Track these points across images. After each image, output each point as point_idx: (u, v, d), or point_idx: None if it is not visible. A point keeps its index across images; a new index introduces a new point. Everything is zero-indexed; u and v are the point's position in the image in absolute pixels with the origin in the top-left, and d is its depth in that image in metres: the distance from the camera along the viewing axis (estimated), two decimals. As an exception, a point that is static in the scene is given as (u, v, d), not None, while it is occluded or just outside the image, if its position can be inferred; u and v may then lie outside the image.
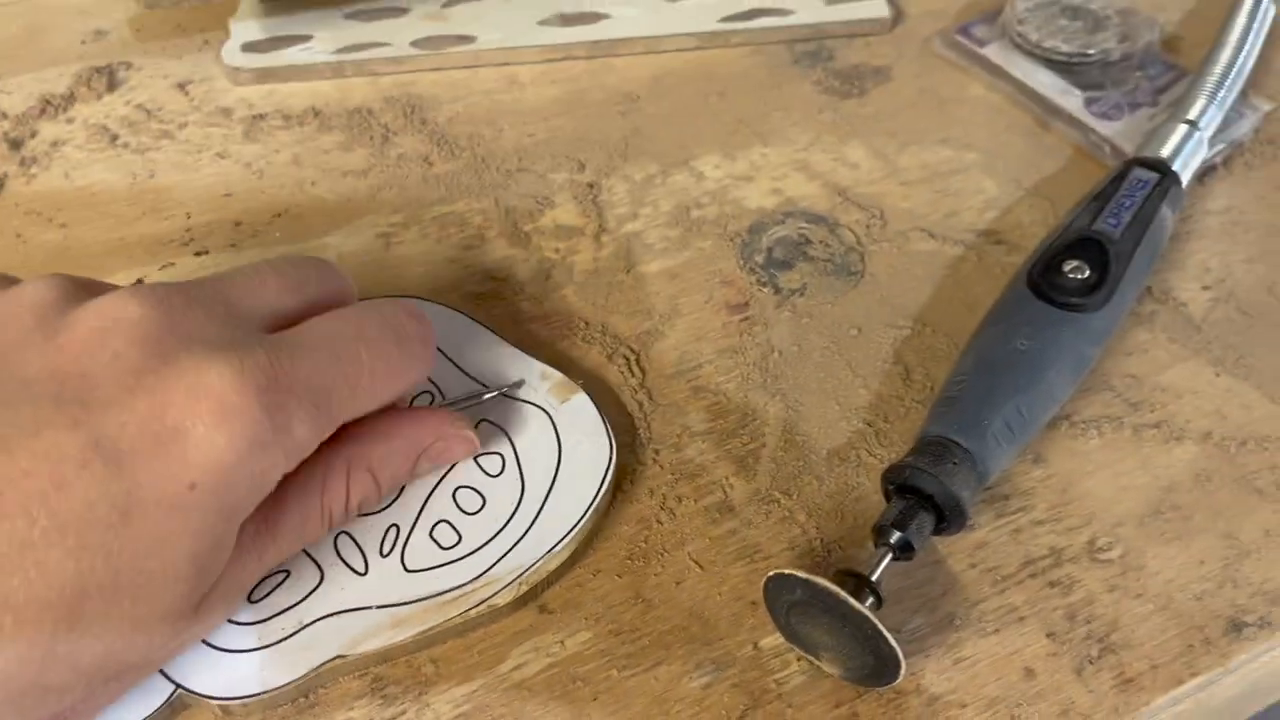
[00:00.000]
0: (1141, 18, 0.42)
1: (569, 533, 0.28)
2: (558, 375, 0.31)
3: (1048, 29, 0.42)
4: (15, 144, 0.37)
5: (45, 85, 0.39)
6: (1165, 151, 0.36)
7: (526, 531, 0.28)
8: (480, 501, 0.28)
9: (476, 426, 0.30)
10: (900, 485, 0.28)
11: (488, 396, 0.30)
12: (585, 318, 0.34)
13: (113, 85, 0.39)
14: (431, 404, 0.30)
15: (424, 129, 0.39)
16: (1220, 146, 0.39)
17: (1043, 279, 0.32)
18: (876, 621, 0.24)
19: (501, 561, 0.27)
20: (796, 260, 0.35)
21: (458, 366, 0.31)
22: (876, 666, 0.25)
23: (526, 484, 0.29)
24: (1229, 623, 0.28)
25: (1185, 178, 0.35)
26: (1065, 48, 0.41)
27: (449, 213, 0.36)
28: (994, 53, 0.42)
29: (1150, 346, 0.34)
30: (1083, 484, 0.31)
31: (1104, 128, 0.40)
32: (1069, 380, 0.31)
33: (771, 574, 0.26)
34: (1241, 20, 0.41)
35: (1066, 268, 0.32)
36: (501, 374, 0.31)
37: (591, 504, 0.28)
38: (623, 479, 0.30)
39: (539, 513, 0.28)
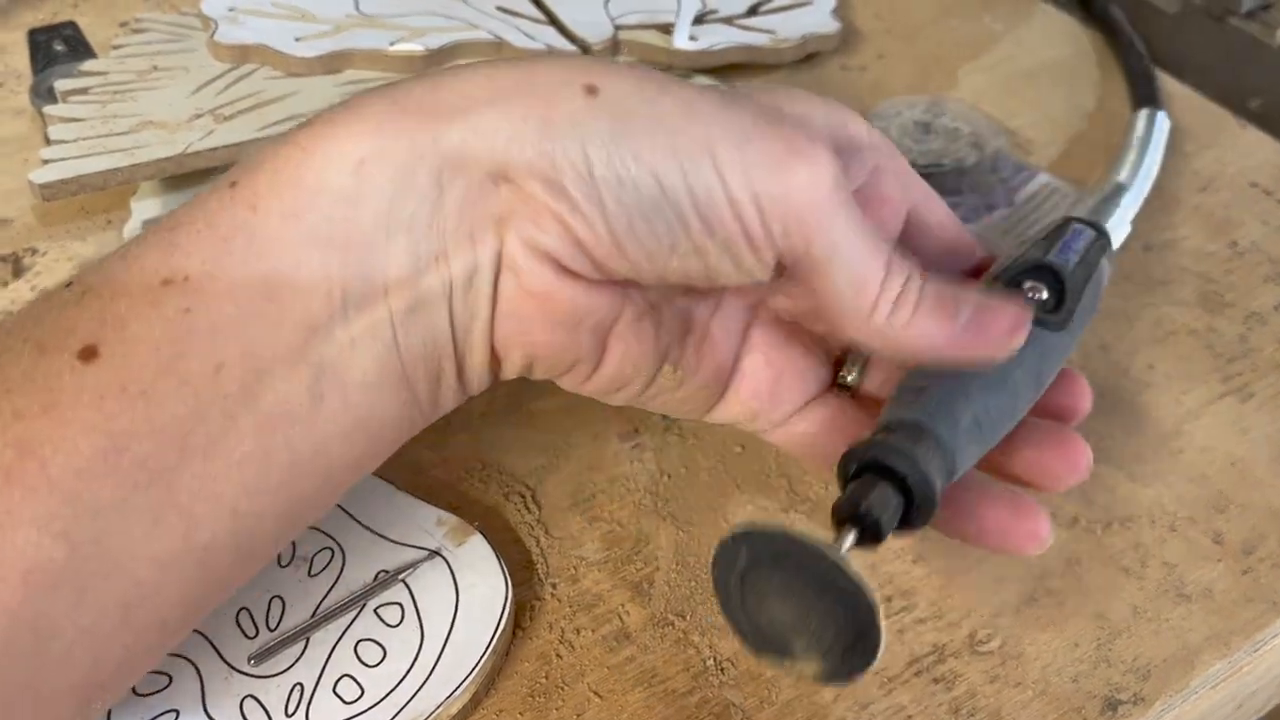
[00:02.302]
0: (988, 127, 0.45)
1: (468, 676, 0.29)
2: (454, 520, 0.32)
3: (904, 144, 0.45)
4: (-77, 337, 0.38)
5: (-48, 277, 0.40)
6: (1094, 214, 0.37)
7: (427, 679, 0.29)
8: (381, 653, 0.29)
9: (375, 578, 0.31)
10: (867, 464, 0.25)
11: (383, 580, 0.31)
12: (482, 459, 0.35)
13: (18, 271, 0.41)
14: (331, 562, 0.31)
15: (322, 288, 0.41)
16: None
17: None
18: (853, 570, 0.22)
19: (404, 710, 0.28)
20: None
21: (358, 521, 0.32)
22: (851, 624, 0.22)
23: (425, 631, 0.30)
24: (1104, 702, 0.29)
25: (1115, 244, 0.35)
26: (922, 160, 0.44)
27: (348, 368, 0.38)
28: (860, 169, 0.45)
29: (1018, 438, 0.36)
30: (961, 578, 0.32)
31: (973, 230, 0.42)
32: (1028, 395, 0.29)
33: (727, 536, 0.23)
34: (1139, 134, 0.44)
35: (1026, 286, 0.30)
36: (401, 525, 0.32)
37: (489, 646, 0.29)
38: (522, 615, 0.31)
39: (438, 659, 0.29)
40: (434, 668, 0.29)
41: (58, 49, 0.47)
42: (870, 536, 0.24)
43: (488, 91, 0.24)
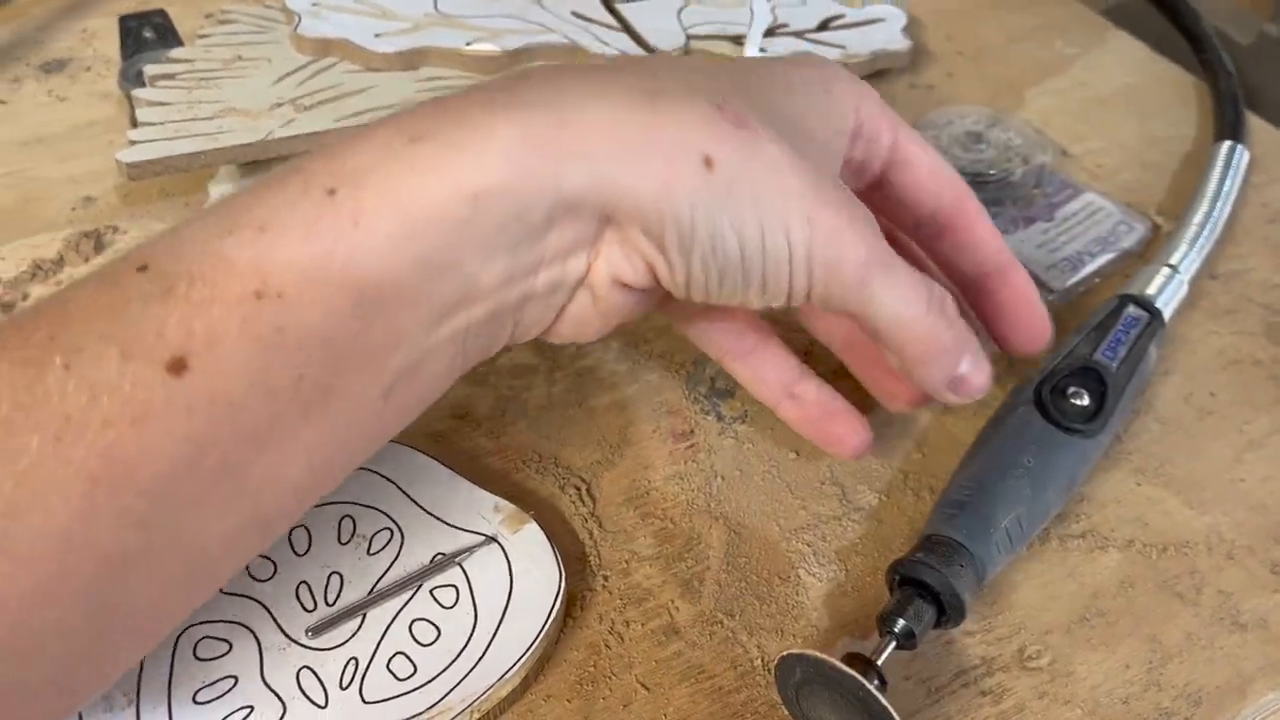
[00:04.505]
0: (1037, 141, 0.45)
1: (519, 660, 0.29)
2: (510, 507, 0.33)
3: (953, 153, 0.45)
4: (8, 307, 0.40)
5: (37, 250, 0.42)
6: (1152, 291, 0.38)
7: (479, 660, 0.29)
8: (435, 633, 0.30)
9: (432, 560, 0.31)
10: (906, 578, 0.30)
11: (440, 561, 0.32)
12: (539, 451, 0.36)
13: (100, 248, 0.42)
14: (389, 542, 0.32)
15: (390, 277, 0.42)
16: (1109, 256, 0.42)
17: (1050, 401, 0.33)
18: (884, 700, 0.26)
19: (455, 690, 0.29)
20: (738, 389, 0.38)
21: (417, 504, 0.33)
22: None
23: (479, 614, 0.30)
24: (1154, 725, 0.29)
25: (1167, 315, 0.38)
26: (970, 169, 0.45)
27: (412, 356, 0.39)
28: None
29: (1075, 459, 0.36)
30: (1012, 594, 0.32)
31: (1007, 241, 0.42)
32: (1061, 499, 0.33)
33: (784, 654, 0.28)
34: (1218, 169, 0.44)
35: (1069, 392, 0.34)
36: (458, 509, 0.33)
37: (541, 632, 0.30)
38: (573, 605, 0.32)
39: (491, 642, 0.30)
40: (486, 650, 0.30)
41: (147, 36, 0.49)
42: (906, 644, 0.29)
43: (612, 141, 0.25)
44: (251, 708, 0.28)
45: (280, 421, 0.23)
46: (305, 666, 0.29)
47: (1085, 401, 0.33)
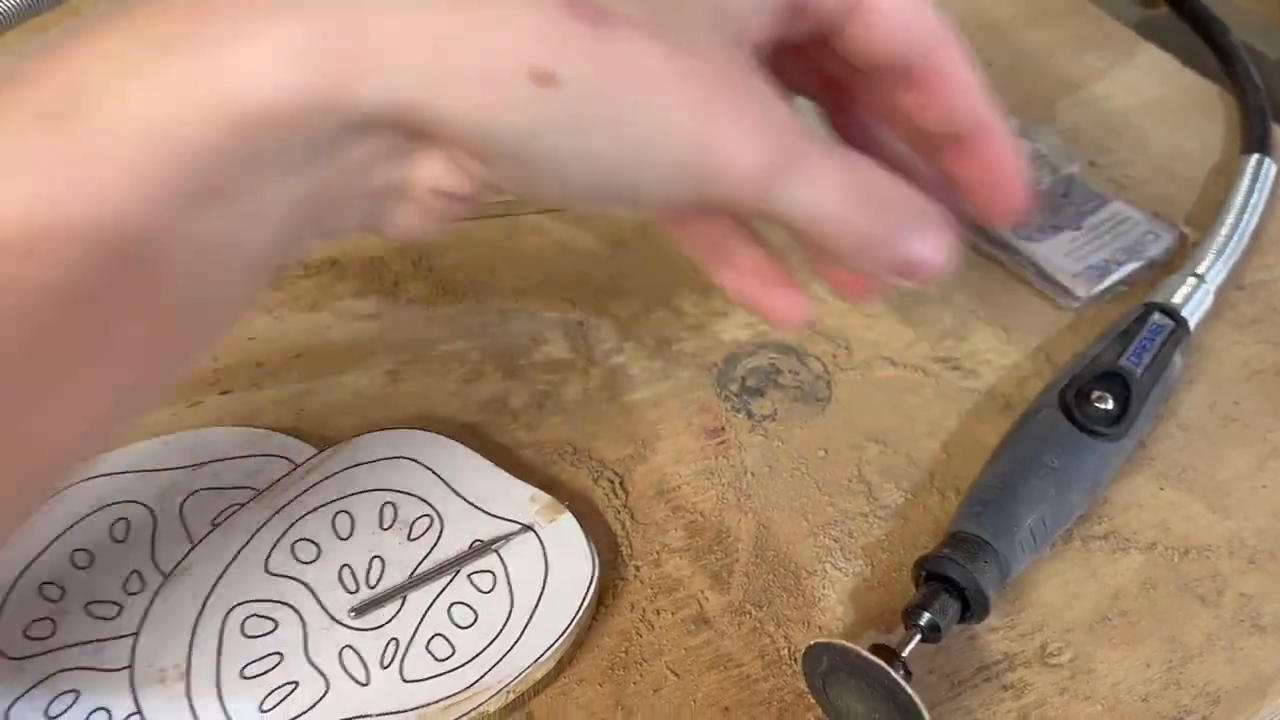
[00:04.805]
0: (1065, 152, 0.46)
1: (553, 644, 0.30)
2: (546, 498, 0.34)
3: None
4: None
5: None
6: (1178, 300, 0.39)
7: (515, 644, 0.30)
8: (473, 616, 0.31)
9: (470, 546, 0.32)
10: (932, 573, 0.31)
11: (477, 547, 0.33)
12: (574, 444, 0.37)
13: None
14: (429, 528, 0.33)
15: (430, 276, 0.43)
16: (1136, 265, 0.42)
17: (1074, 405, 0.34)
18: (908, 689, 0.27)
19: (491, 671, 0.30)
20: (768, 388, 0.39)
21: (456, 493, 0.34)
22: None
23: (515, 599, 0.31)
24: (1173, 722, 0.30)
25: (1193, 324, 0.39)
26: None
27: (450, 350, 0.40)
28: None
29: (1099, 463, 0.36)
30: (1034, 592, 0.33)
31: (1029, 249, 0.43)
32: (1084, 500, 0.34)
33: (811, 643, 0.29)
34: (1245, 182, 0.45)
35: (1094, 397, 0.35)
36: (496, 499, 0.34)
37: (575, 618, 0.31)
38: (605, 593, 0.33)
39: (526, 626, 0.31)
40: (521, 634, 0.31)
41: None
42: (931, 637, 0.30)
43: (418, 49, 0.20)
44: (296, 683, 0.29)
45: (31, 383, 0.20)
46: (348, 646, 0.30)
47: (1109, 406, 0.34)
